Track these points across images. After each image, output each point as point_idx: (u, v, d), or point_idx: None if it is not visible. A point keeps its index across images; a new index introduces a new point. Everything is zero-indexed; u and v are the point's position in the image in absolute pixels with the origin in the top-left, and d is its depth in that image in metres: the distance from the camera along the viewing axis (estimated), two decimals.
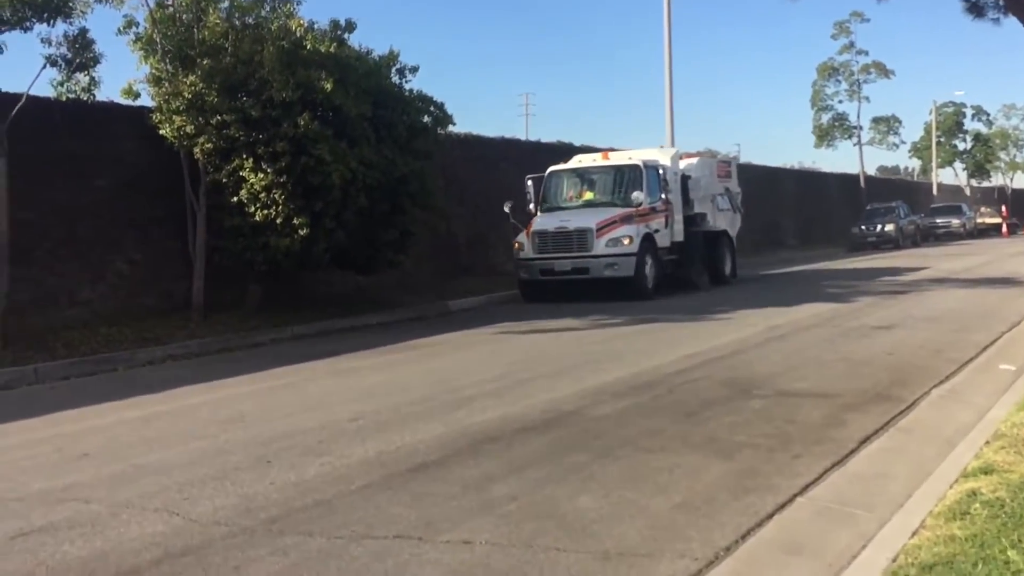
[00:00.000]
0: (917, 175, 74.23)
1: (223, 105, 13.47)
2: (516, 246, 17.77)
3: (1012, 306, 13.47)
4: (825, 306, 14.45)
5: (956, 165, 64.30)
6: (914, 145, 63.51)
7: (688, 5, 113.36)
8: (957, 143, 62.92)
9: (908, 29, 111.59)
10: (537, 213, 18.33)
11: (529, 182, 18.88)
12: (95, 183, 14.19)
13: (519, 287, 18.04)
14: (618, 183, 18.18)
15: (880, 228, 37.41)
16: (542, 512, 4.82)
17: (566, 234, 17.14)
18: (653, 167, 18.24)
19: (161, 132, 13.84)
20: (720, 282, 20.16)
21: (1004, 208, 50.92)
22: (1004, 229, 47.67)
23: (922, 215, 44.10)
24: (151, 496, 5.40)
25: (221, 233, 14.25)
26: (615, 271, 16.80)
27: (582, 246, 16.95)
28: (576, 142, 25.71)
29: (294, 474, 5.74)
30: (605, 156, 19.29)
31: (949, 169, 64.46)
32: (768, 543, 4.36)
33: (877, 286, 18.29)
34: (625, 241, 16.85)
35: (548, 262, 17.19)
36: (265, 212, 13.69)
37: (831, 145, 49.54)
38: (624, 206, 17.45)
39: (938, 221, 44.80)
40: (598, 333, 12.57)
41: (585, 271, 16.93)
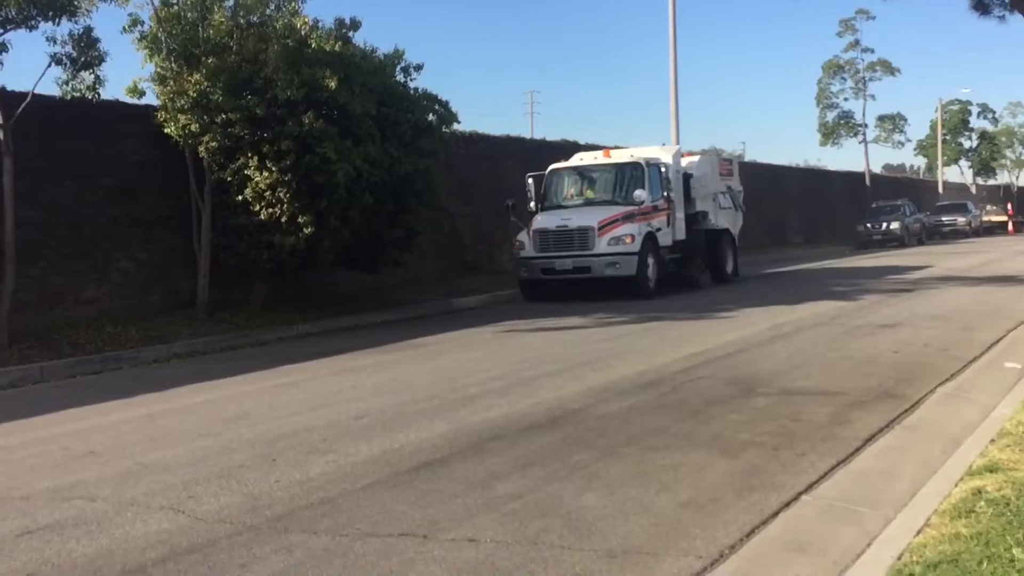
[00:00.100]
0: (923, 173, 74.16)
1: (228, 103, 13.50)
2: (516, 245, 17.68)
3: (1018, 304, 13.43)
4: (830, 304, 14.42)
5: (962, 163, 64.20)
6: (920, 143, 63.40)
7: (693, 3, 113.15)
8: (963, 141, 62.77)
9: (914, 27, 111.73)
10: (538, 211, 18.20)
11: (530, 180, 18.72)
12: (100, 182, 14.22)
13: (520, 286, 17.95)
14: (619, 181, 18.01)
15: (885, 226, 37.31)
16: (547, 510, 4.82)
17: (567, 233, 17.01)
18: (655, 165, 18.10)
19: (166, 131, 13.89)
20: (722, 281, 20.06)
21: (1010, 206, 50.75)
22: (1010, 227, 47.55)
23: (928, 213, 43.95)
24: (156, 494, 5.42)
25: (226, 232, 14.28)
26: (617, 270, 16.69)
27: (583, 245, 16.83)
28: (581, 140, 25.71)
29: (299, 472, 5.75)
30: (607, 154, 19.10)
31: (955, 167, 64.42)
32: (773, 541, 4.36)
33: (882, 284, 18.25)
34: (627, 240, 16.73)
35: (549, 261, 17.07)
36: (270, 211, 13.72)
37: (836, 143, 49.51)
38: (625, 204, 17.31)
39: (944, 219, 44.63)
40: (602, 331, 12.57)
41: (586, 270, 16.83)
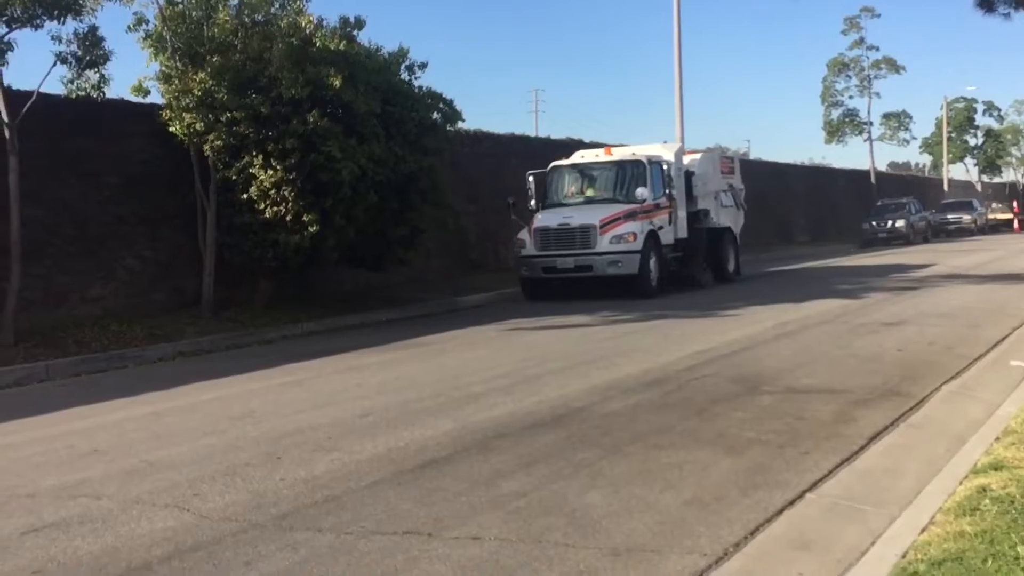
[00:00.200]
0: (928, 171, 74.00)
1: (233, 102, 13.52)
2: (517, 243, 17.58)
3: (1023, 302, 13.40)
4: (835, 302, 14.40)
5: (967, 161, 64.13)
6: (925, 141, 63.31)
7: (698, 1, 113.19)
8: (968, 139, 62.67)
9: (919, 24, 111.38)
10: (539, 210, 18.08)
11: (530, 178, 18.57)
12: (105, 180, 14.25)
13: (521, 285, 17.82)
14: (621, 179, 17.87)
15: (891, 224, 37.24)
16: (551, 508, 4.82)
17: (569, 231, 16.88)
18: (657, 163, 18.02)
19: (171, 129, 13.90)
20: (724, 279, 19.95)
21: (1015, 204, 50.62)
22: (1015, 225, 47.43)
23: (933, 211, 43.86)
24: (161, 492, 5.43)
25: (231, 230, 14.30)
26: (619, 268, 16.59)
27: (585, 243, 16.73)
28: (586, 138, 25.70)
29: (304, 470, 5.76)
30: (608, 152, 18.97)
31: (960, 165, 64.36)
32: (777, 539, 4.36)
33: (887, 282, 18.22)
34: (629, 238, 16.63)
35: (550, 259, 16.94)
36: (275, 209, 13.74)
37: (841, 141, 49.45)
38: (627, 202, 17.18)
39: (949, 217, 44.53)
40: (607, 330, 12.56)
41: (588, 268, 16.73)
